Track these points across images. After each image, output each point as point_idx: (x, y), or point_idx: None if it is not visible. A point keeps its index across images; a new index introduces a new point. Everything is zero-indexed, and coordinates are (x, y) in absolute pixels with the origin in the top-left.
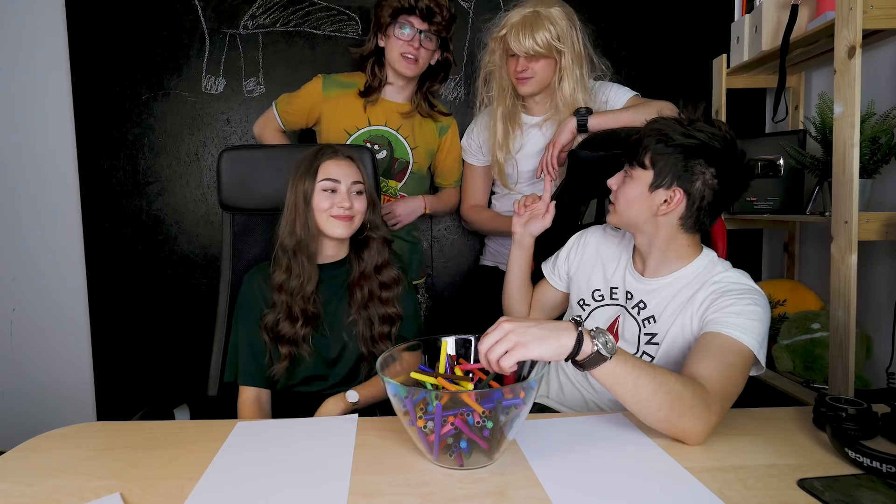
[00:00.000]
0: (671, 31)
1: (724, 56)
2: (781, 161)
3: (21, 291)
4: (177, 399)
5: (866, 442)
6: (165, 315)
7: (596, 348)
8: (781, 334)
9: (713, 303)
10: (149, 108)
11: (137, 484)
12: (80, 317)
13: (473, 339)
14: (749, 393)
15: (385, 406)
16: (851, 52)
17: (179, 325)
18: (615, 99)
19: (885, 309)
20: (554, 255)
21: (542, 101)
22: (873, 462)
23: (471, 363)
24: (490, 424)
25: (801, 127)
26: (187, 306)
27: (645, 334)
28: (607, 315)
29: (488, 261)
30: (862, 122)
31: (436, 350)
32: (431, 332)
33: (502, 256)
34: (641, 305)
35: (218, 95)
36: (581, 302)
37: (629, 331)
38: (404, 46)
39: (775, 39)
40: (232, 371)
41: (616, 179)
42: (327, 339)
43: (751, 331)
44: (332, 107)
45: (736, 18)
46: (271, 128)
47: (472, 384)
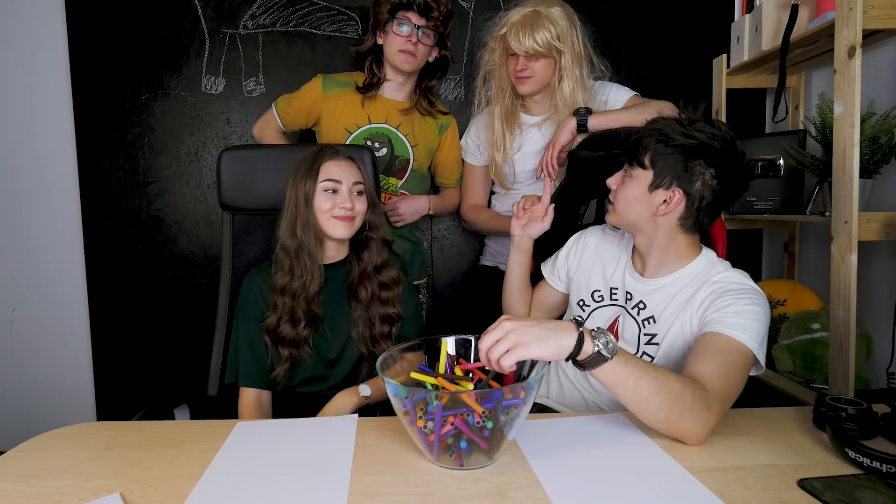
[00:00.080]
0: (671, 31)
1: (724, 56)
2: (781, 161)
3: (21, 291)
4: (177, 399)
5: (866, 442)
6: (165, 315)
7: (597, 349)
8: (781, 334)
9: (713, 303)
10: (149, 108)
11: (137, 484)
12: (80, 317)
13: (473, 339)
14: (749, 393)
15: (385, 406)
16: (851, 52)
17: (179, 325)
18: (615, 99)
19: (886, 309)
20: (553, 256)
21: (542, 101)
22: (873, 462)
23: (471, 363)
24: (490, 424)
25: (802, 127)
26: (187, 306)
27: (645, 334)
28: (607, 315)
29: (488, 261)
30: (862, 122)
31: (436, 350)
32: (431, 332)
33: (502, 256)
34: (641, 306)
35: (218, 95)
36: (581, 302)
37: (629, 331)
38: (402, 42)
39: (775, 39)
40: (233, 372)
41: (615, 179)
42: (328, 340)
43: (750, 331)
44: (332, 106)
45: (736, 18)
46: (271, 129)
47: (472, 384)
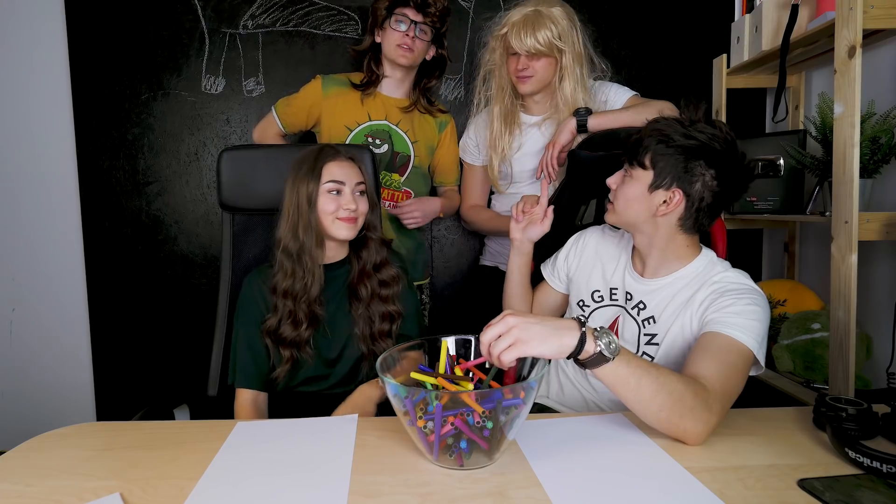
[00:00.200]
0: (671, 31)
1: (724, 56)
2: (781, 161)
3: (21, 291)
4: (177, 399)
5: (866, 442)
6: (165, 315)
7: (598, 349)
8: (782, 334)
9: (713, 303)
10: (148, 108)
11: (137, 484)
12: (80, 317)
13: (473, 339)
14: (749, 393)
15: (385, 406)
16: (852, 52)
17: (179, 325)
18: (615, 99)
19: (886, 309)
20: (553, 257)
21: (542, 101)
22: (873, 462)
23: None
24: (490, 424)
25: (802, 127)
26: (187, 306)
27: (645, 335)
28: (607, 316)
29: (488, 261)
30: (862, 122)
31: (436, 350)
32: (431, 332)
33: (502, 256)
34: (641, 306)
35: (218, 95)
36: (580, 303)
37: (629, 331)
38: (400, 37)
39: (775, 39)
40: (234, 374)
41: (615, 178)
42: (328, 340)
43: (750, 331)
44: (332, 105)
45: (736, 18)
46: (271, 132)
47: (472, 384)
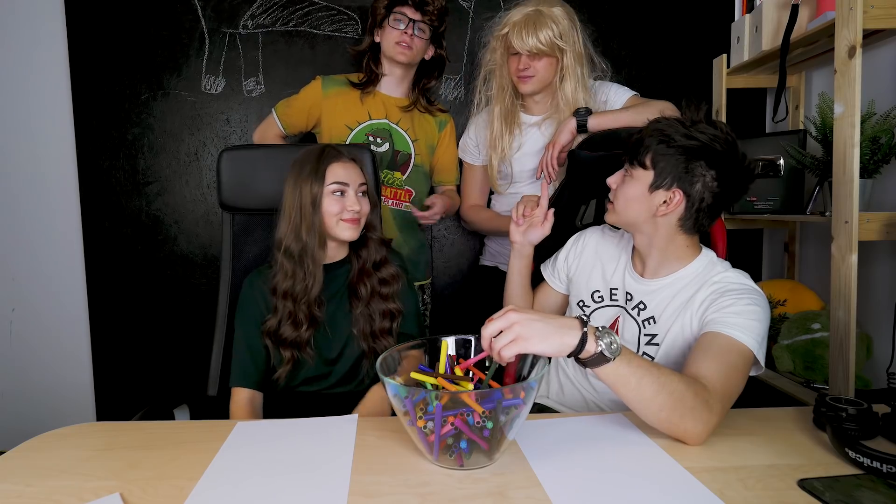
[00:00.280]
0: (671, 31)
1: (725, 56)
2: (782, 161)
3: (21, 291)
4: (177, 399)
5: (867, 442)
6: (165, 315)
7: (599, 349)
8: (782, 334)
9: (713, 303)
10: (148, 108)
11: (137, 484)
12: (80, 317)
13: (473, 339)
14: (749, 393)
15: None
16: (852, 52)
17: (179, 325)
18: (615, 99)
19: (886, 309)
20: (553, 257)
21: (542, 101)
22: (874, 462)
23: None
24: (490, 424)
25: (802, 127)
26: (187, 306)
27: (645, 335)
28: (607, 316)
29: (488, 261)
30: (862, 122)
31: (436, 350)
32: (431, 333)
33: (502, 257)
34: (641, 306)
35: (217, 95)
36: (580, 303)
37: (629, 332)
38: (399, 35)
39: (775, 39)
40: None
41: (616, 178)
42: (328, 339)
43: (751, 331)
44: (332, 104)
45: (736, 18)
46: (272, 133)
47: (472, 384)
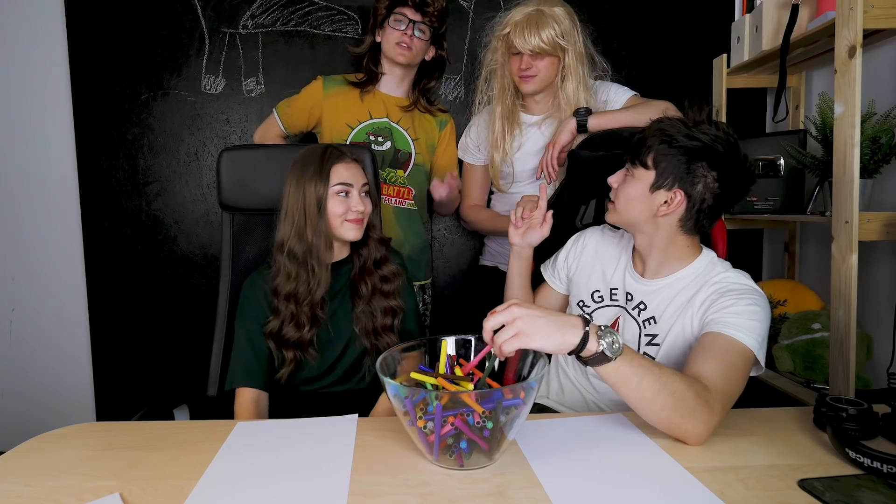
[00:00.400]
0: (671, 31)
1: (725, 56)
2: (782, 161)
3: (21, 291)
4: (177, 399)
5: (867, 442)
6: (165, 315)
7: (601, 348)
8: (782, 334)
9: (713, 303)
10: (148, 108)
11: (137, 484)
12: (80, 317)
13: (473, 340)
14: (749, 393)
15: None
16: (852, 52)
17: (179, 326)
18: (615, 98)
19: (886, 309)
20: (553, 258)
21: (543, 101)
22: (874, 462)
23: (471, 363)
24: (490, 424)
25: (802, 127)
26: (187, 306)
27: (645, 335)
28: (607, 316)
29: (488, 261)
30: (862, 122)
31: (436, 350)
32: (431, 333)
33: (502, 257)
34: (642, 306)
35: (217, 95)
36: (580, 303)
37: (629, 332)
38: (399, 36)
39: (776, 39)
40: (233, 377)
41: (617, 177)
42: (331, 338)
43: (751, 331)
44: (333, 104)
45: (736, 18)
46: (273, 133)
47: (473, 384)
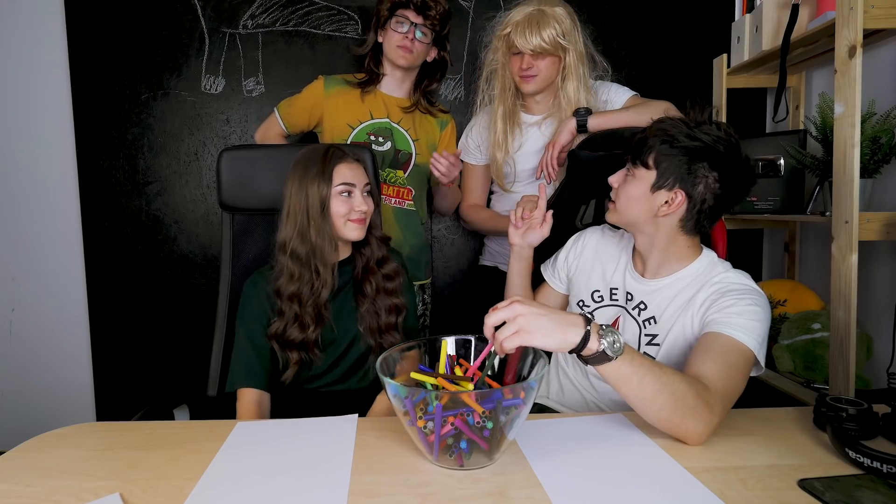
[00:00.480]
0: (671, 31)
1: (725, 56)
2: (782, 161)
3: (21, 291)
4: (176, 399)
5: (867, 442)
6: (165, 315)
7: (601, 348)
8: (782, 334)
9: (714, 303)
10: (148, 108)
11: (137, 484)
12: (80, 317)
13: (473, 339)
14: (749, 393)
15: None
16: (852, 52)
17: (179, 326)
18: (615, 98)
19: (886, 309)
20: (553, 258)
21: (543, 101)
22: (874, 462)
23: (471, 363)
24: (490, 425)
25: (802, 127)
26: (187, 306)
27: (645, 335)
28: (607, 316)
29: (487, 261)
30: (862, 122)
31: (436, 350)
32: (431, 333)
33: (502, 257)
34: (642, 306)
35: (217, 95)
36: (580, 303)
37: (629, 331)
38: (400, 39)
39: (776, 39)
40: (233, 378)
41: (618, 177)
42: (334, 337)
43: (751, 331)
44: (334, 103)
45: (736, 18)
46: (274, 132)
47: (473, 384)
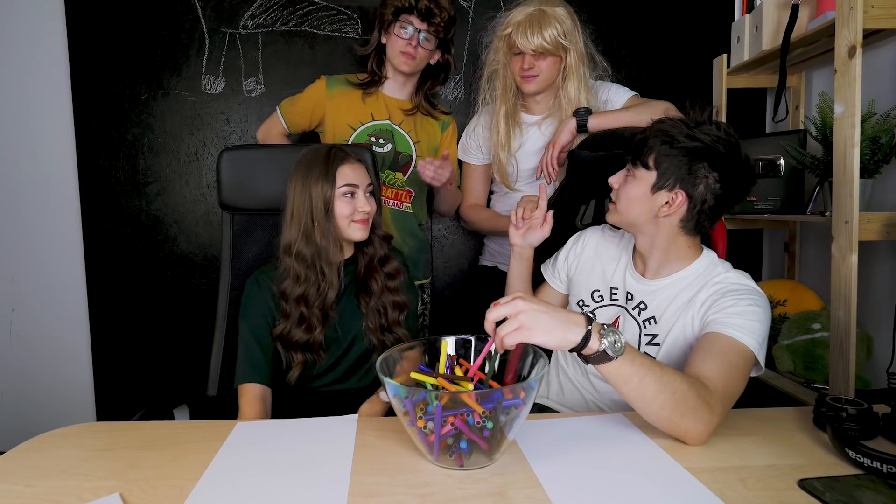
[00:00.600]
0: (671, 31)
1: (725, 56)
2: (782, 161)
3: (21, 291)
4: (176, 399)
5: (867, 442)
6: (165, 315)
7: (602, 347)
8: (782, 334)
9: (714, 303)
10: (148, 108)
11: (137, 484)
12: (80, 317)
13: (473, 340)
14: (749, 393)
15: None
16: (852, 52)
17: (179, 325)
18: (615, 98)
19: (886, 309)
20: (553, 257)
21: (544, 101)
22: (874, 462)
23: (471, 363)
24: (490, 425)
25: (802, 127)
26: (187, 306)
27: (646, 335)
28: (607, 315)
29: (487, 261)
30: (862, 122)
31: (436, 350)
32: (431, 333)
33: (502, 257)
34: (642, 306)
35: (217, 95)
36: (580, 303)
37: (629, 331)
38: (403, 45)
39: (776, 39)
40: (240, 374)
41: (618, 178)
42: (337, 337)
43: (752, 331)
44: (336, 104)
45: (736, 18)
46: (275, 132)
47: (472, 384)
